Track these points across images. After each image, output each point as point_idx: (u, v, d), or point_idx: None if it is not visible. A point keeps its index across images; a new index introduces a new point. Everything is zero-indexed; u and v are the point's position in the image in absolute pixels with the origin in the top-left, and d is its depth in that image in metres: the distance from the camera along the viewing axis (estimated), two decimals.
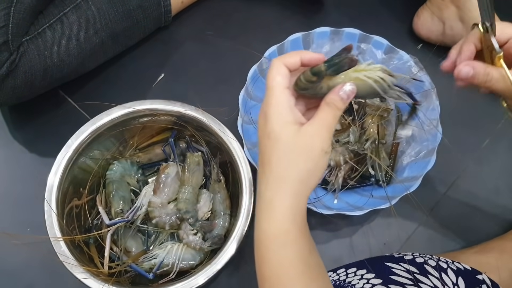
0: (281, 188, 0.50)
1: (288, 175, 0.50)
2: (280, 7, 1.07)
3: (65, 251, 0.68)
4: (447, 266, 0.71)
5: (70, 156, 0.74)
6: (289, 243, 0.50)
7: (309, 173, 0.50)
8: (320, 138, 0.50)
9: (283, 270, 0.50)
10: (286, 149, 0.50)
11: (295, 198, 0.50)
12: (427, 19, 1.00)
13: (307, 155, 0.50)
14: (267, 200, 0.51)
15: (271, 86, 0.51)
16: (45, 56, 0.80)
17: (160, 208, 0.76)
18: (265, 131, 0.51)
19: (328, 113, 0.50)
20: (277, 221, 0.50)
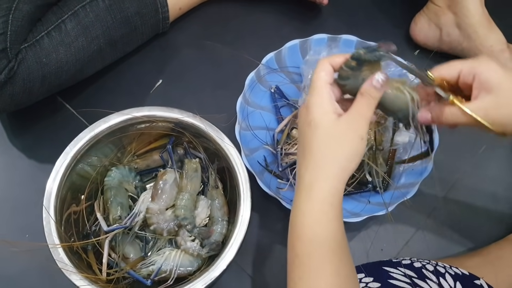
0: (321, 172, 0.53)
1: (328, 160, 0.53)
2: (277, 13, 1.08)
3: (63, 258, 0.68)
4: (445, 271, 0.71)
5: (69, 163, 0.74)
6: (325, 223, 0.53)
7: (347, 159, 0.53)
8: (356, 125, 0.53)
9: (315, 248, 0.52)
10: (325, 136, 0.54)
11: (334, 182, 0.53)
12: (424, 25, 1.01)
13: (345, 142, 0.53)
14: (306, 183, 0.54)
15: (315, 80, 0.56)
16: (43, 63, 0.80)
17: (158, 215, 0.76)
18: (306, 120, 0.56)
19: (363, 102, 0.54)
20: (315, 201, 0.53)
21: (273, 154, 0.87)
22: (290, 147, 0.84)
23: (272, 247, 0.85)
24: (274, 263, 0.84)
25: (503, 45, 0.93)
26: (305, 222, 0.54)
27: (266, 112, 0.89)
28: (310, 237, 0.53)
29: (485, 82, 0.53)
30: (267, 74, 0.87)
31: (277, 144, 0.86)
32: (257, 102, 0.87)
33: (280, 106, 0.90)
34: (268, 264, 0.84)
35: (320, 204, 0.53)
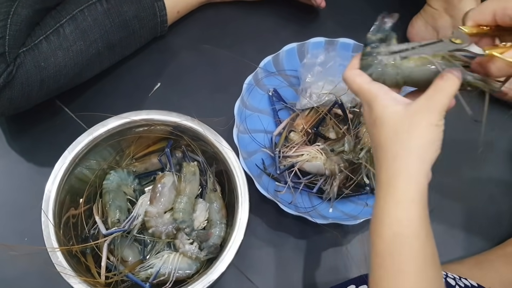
0: (396, 168, 0.50)
1: (401, 154, 0.50)
2: (275, 16, 1.08)
3: (62, 261, 0.68)
4: (455, 283, 0.70)
5: (67, 166, 0.74)
6: (405, 221, 0.49)
7: (422, 148, 0.49)
8: (425, 112, 0.50)
9: (397, 247, 0.49)
10: (394, 129, 0.51)
11: (412, 176, 0.49)
12: (421, 28, 1.01)
13: (416, 131, 0.49)
14: (384, 181, 0.51)
15: (357, 88, 0.54)
16: (41, 67, 0.80)
17: (156, 218, 0.76)
18: (370, 121, 0.53)
19: (439, 85, 0.51)
20: (395, 199, 0.50)
21: (271, 157, 0.87)
22: (288, 150, 0.84)
23: (270, 250, 0.85)
24: (272, 266, 0.84)
25: None
26: (384, 220, 0.50)
27: (264, 115, 0.90)
28: (390, 235, 0.49)
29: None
30: (265, 77, 0.88)
31: (275, 147, 0.86)
32: (255, 105, 0.88)
33: (278, 109, 0.91)
34: (266, 266, 0.84)
35: (399, 202, 0.49)
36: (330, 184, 0.82)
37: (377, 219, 0.51)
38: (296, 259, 0.85)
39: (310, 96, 0.85)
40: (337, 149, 0.83)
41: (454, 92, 0.51)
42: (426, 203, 0.50)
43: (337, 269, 0.84)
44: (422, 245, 0.49)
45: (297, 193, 0.83)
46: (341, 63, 0.85)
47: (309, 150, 0.82)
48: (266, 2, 1.09)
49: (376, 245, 0.50)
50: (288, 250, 0.85)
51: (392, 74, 0.54)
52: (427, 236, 0.49)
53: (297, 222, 0.87)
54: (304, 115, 0.87)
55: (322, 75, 0.85)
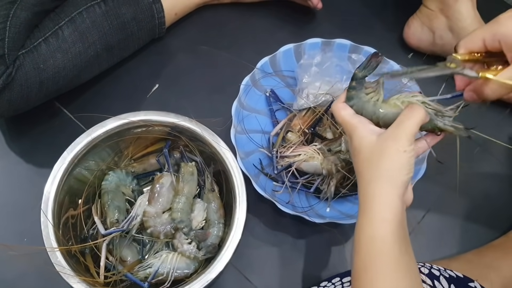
0: (370, 189, 0.55)
1: (374, 177, 0.55)
2: (272, 18, 1.09)
3: (61, 261, 0.68)
4: (440, 274, 0.71)
5: (66, 167, 0.75)
6: (378, 238, 0.53)
7: (392, 172, 0.54)
8: (393, 139, 0.55)
9: (370, 262, 0.53)
10: (367, 157, 0.57)
11: (383, 197, 0.54)
12: (417, 29, 1.02)
13: (385, 156, 0.55)
14: (362, 204, 0.56)
15: (341, 120, 0.61)
16: (40, 69, 0.81)
17: (154, 218, 0.77)
18: (351, 150, 0.60)
19: (404, 114, 0.56)
20: (368, 218, 0.55)
21: (268, 157, 0.87)
22: (286, 150, 0.84)
23: (268, 249, 0.86)
24: (270, 265, 0.85)
25: None
26: (361, 239, 0.55)
27: (262, 115, 0.90)
28: (365, 252, 0.54)
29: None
30: (262, 78, 0.88)
31: (272, 147, 0.86)
32: (252, 105, 0.88)
33: (275, 110, 0.91)
34: (264, 266, 0.85)
35: (372, 221, 0.54)
36: (327, 183, 0.83)
37: (355, 238, 0.56)
38: (293, 258, 0.85)
39: (307, 96, 0.86)
40: (334, 149, 0.83)
41: (420, 120, 0.56)
42: (401, 222, 0.54)
43: (335, 268, 0.85)
44: (395, 260, 0.53)
45: (295, 192, 0.84)
46: (337, 64, 0.86)
47: (306, 150, 0.83)
48: (263, 4, 1.10)
49: (355, 262, 0.55)
50: (286, 250, 0.86)
51: (369, 111, 0.61)
52: (401, 251, 0.53)
53: (295, 222, 0.88)
54: (301, 116, 0.87)
55: (319, 75, 0.85)
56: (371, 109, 0.61)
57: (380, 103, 0.61)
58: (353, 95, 0.62)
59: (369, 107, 0.61)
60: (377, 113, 0.60)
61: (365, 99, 0.62)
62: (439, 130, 0.61)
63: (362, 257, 0.54)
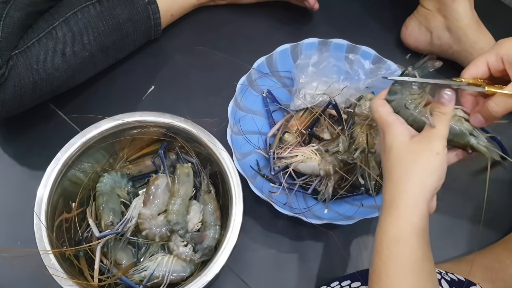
0: (398, 190, 0.54)
1: (403, 178, 0.54)
2: (269, 19, 1.08)
3: (55, 264, 0.67)
4: (441, 277, 0.70)
5: (60, 168, 0.74)
6: (402, 241, 0.52)
7: (423, 174, 0.54)
8: (429, 142, 0.55)
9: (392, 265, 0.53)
10: (398, 156, 0.56)
11: (411, 199, 0.53)
12: (415, 29, 1.01)
13: (418, 158, 0.54)
14: (387, 202, 0.55)
15: (377, 116, 0.60)
16: (34, 70, 0.80)
17: (150, 220, 0.76)
18: (382, 148, 0.59)
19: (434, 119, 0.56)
20: (393, 219, 0.54)
21: (265, 158, 0.87)
22: (283, 151, 0.83)
23: (265, 252, 0.85)
24: (267, 267, 0.84)
25: None
26: (383, 239, 0.54)
27: (258, 116, 0.89)
28: (387, 254, 0.53)
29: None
30: (259, 78, 0.88)
31: (269, 148, 0.85)
32: (249, 106, 0.87)
33: (272, 111, 0.90)
34: (261, 268, 0.84)
35: (397, 222, 0.53)
36: (325, 184, 0.82)
37: (377, 238, 0.55)
38: (291, 260, 0.84)
39: (304, 97, 0.85)
40: (331, 149, 0.82)
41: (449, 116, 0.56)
42: (425, 228, 0.54)
43: (333, 269, 0.84)
44: (416, 264, 0.52)
45: (292, 194, 0.83)
46: (334, 64, 0.86)
47: (303, 151, 0.82)
48: (260, 5, 1.09)
49: (374, 263, 0.54)
50: (283, 252, 0.85)
51: (408, 112, 0.60)
52: (424, 256, 0.53)
53: (292, 224, 0.87)
54: (298, 116, 0.87)
55: (316, 75, 0.85)
56: (411, 110, 0.60)
57: (421, 107, 0.60)
58: (398, 90, 0.61)
59: (409, 107, 0.60)
60: (415, 115, 0.59)
61: (408, 98, 0.61)
62: (471, 148, 0.60)
63: (384, 258, 0.53)
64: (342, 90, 0.84)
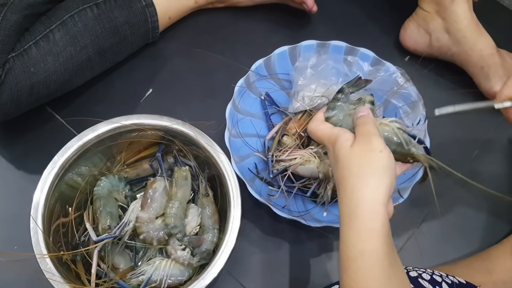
0: (354, 199, 0.53)
1: (355, 183, 0.54)
2: (266, 21, 1.08)
3: (51, 268, 0.67)
4: (442, 280, 0.70)
5: (57, 172, 0.73)
6: (367, 253, 0.51)
7: (374, 178, 0.53)
8: (368, 143, 0.55)
9: (361, 280, 0.51)
10: (346, 165, 0.55)
11: (368, 205, 0.52)
12: (414, 31, 1.01)
13: (364, 161, 0.54)
14: (345, 214, 0.54)
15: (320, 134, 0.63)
16: (31, 73, 0.80)
17: (147, 224, 0.75)
18: (331, 160, 0.60)
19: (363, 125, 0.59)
20: (355, 231, 0.52)
21: (264, 161, 0.86)
22: (281, 154, 0.83)
23: (264, 255, 0.84)
24: (266, 271, 0.83)
25: (492, 49, 0.93)
26: (349, 254, 0.52)
27: (257, 119, 0.89)
28: (355, 270, 0.51)
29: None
30: (257, 81, 0.87)
31: (268, 151, 0.85)
32: (247, 109, 0.87)
33: (271, 113, 0.90)
34: (260, 272, 0.83)
35: (359, 234, 0.51)
36: (324, 187, 0.81)
37: (342, 255, 0.53)
38: (290, 264, 0.84)
39: (303, 99, 0.84)
40: None
41: (373, 120, 0.59)
42: (388, 232, 0.52)
43: (332, 273, 0.83)
44: (387, 276, 0.50)
45: (291, 197, 0.82)
46: (333, 66, 0.85)
47: (302, 153, 0.81)
48: (258, 8, 1.09)
49: (343, 281, 0.52)
50: (282, 255, 0.84)
51: (349, 124, 0.64)
52: (391, 265, 0.51)
53: (291, 227, 0.86)
54: (296, 119, 0.86)
55: (314, 78, 0.84)
56: (351, 122, 0.63)
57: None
58: (337, 106, 0.67)
59: (349, 119, 0.64)
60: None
61: (347, 111, 0.65)
62: (412, 158, 0.61)
63: (352, 275, 0.51)
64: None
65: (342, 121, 0.65)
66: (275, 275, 0.83)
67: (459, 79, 1.00)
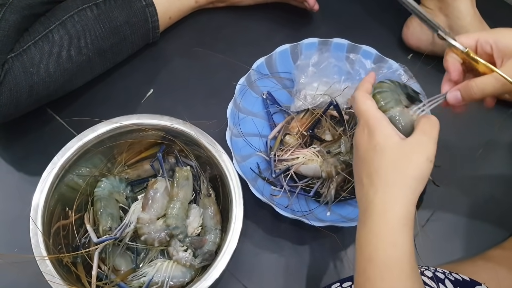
0: (393, 194, 0.53)
1: (398, 182, 0.53)
2: (268, 21, 1.07)
3: (51, 270, 0.66)
4: (445, 277, 0.69)
5: (56, 173, 0.73)
6: (399, 245, 0.51)
7: (416, 181, 0.53)
8: (424, 147, 0.54)
9: (390, 270, 0.51)
10: (393, 158, 0.54)
11: (406, 204, 0.52)
12: (416, 28, 1.00)
13: (413, 163, 0.53)
14: (379, 206, 0.53)
15: (365, 108, 0.58)
16: (30, 73, 0.79)
17: (149, 225, 0.74)
18: (369, 145, 0.56)
19: (428, 123, 0.56)
20: (390, 224, 0.52)
21: (266, 161, 0.85)
22: (284, 153, 0.82)
23: (267, 256, 0.83)
24: (269, 272, 0.82)
25: None
26: (378, 245, 0.52)
27: (259, 118, 0.88)
28: (383, 259, 0.51)
29: (505, 47, 0.56)
30: (258, 79, 0.86)
31: (270, 151, 0.84)
32: (248, 108, 0.86)
33: (273, 113, 0.89)
34: (263, 273, 0.82)
35: (395, 226, 0.52)
36: (327, 187, 0.80)
37: (369, 244, 0.53)
38: (293, 264, 0.83)
39: (305, 98, 0.84)
40: (333, 151, 0.81)
41: (438, 126, 0.56)
42: (413, 229, 0.53)
43: (336, 273, 0.82)
44: (412, 268, 0.51)
45: (294, 196, 0.81)
46: (335, 64, 0.84)
47: (305, 152, 0.81)
48: (259, 7, 1.08)
49: (367, 271, 0.53)
50: (285, 256, 0.83)
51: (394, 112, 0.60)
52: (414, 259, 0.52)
53: (294, 227, 0.85)
54: (299, 118, 0.85)
55: (316, 76, 0.84)
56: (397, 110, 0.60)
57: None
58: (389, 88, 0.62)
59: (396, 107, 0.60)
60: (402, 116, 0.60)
61: (398, 97, 0.62)
62: None
63: (379, 264, 0.51)
64: (343, 91, 0.82)
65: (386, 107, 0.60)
66: (278, 275, 0.82)
67: None
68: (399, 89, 0.64)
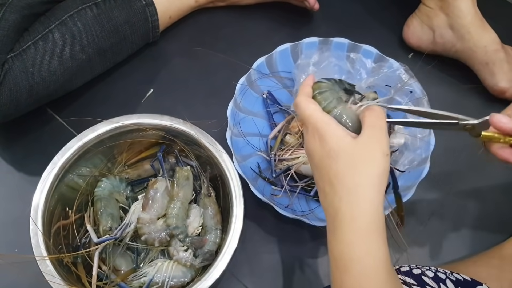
0: (359, 199, 0.50)
1: (362, 184, 0.50)
2: (268, 20, 1.07)
3: (52, 271, 0.66)
4: (446, 277, 0.69)
5: (56, 173, 0.73)
6: (374, 252, 0.49)
7: (378, 177, 0.51)
8: (377, 141, 0.52)
9: (367, 279, 0.49)
10: (350, 161, 0.51)
11: (374, 206, 0.50)
12: (417, 28, 1.00)
13: (371, 161, 0.51)
14: (346, 214, 0.51)
15: (310, 113, 0.55)
16: (30, 73, 0.79)
17: (149, 225, 0.74)
18: (323, 152, 0.53)
19: (374, 115, 0.54)
20: (362, 231, 0.50)
21: (266, 161, 0.85)
22: (284, 153, 0.82)
23: (267, 256, 0.83)
24: (269, 272, 0.82)
25: (497, 45, 0.92)
26: (353, 255, 0.50)
27: (259, 118, 0.88)
28: (359, 270, 0.49)
29: None
30: (259, 79, 0.86)
31: (270, 150, 0.84)
32: (249, 108, 0.86)
33: (273, 112, 0.89)
34: (263, 272, 0.82)
35: (367, 233, 0.50)
36: None
37: (344, 255, 0.50)
38: (294, 264, 0.83)
39: None
40: None
41: (384, 117, 0.54)
42: (385, 231, 0.51)
43: None
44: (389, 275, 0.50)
45: (294, 196, 0.81)
46: (336, 63, 0.84)
47: (305, 152, 0.80)
48: (259, 6, 1.08)
49: (344, 282, 0.50)
50: (286, 255, 0.83)
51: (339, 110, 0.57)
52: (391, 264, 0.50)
53: (295, 227, 0.85)
54: (299, 117, 0.85)
55: (317, 75, 0.83)
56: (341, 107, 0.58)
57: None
58: (328, 87, 0.60)
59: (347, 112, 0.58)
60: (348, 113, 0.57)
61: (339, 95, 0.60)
62: None
63: (356, 275, 0.49)
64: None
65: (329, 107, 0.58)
66: (279, 275, 0.82)
67: (463, 75, 0.99)
68: (337, 86, 0.62)
